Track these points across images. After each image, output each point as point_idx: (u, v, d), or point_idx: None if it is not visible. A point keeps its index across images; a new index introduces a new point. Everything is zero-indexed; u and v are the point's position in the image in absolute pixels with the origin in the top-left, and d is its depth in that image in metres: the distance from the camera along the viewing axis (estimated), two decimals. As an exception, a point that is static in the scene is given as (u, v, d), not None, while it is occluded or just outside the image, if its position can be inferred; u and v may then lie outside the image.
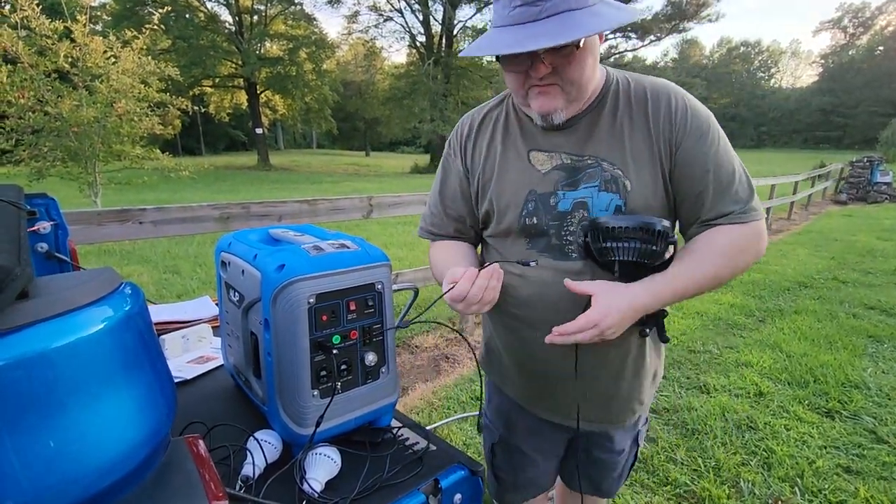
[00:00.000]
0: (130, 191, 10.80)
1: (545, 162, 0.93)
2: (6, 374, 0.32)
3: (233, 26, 25.11)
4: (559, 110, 0.86)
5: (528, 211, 0.93)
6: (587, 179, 0.89)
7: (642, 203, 0.87)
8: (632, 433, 1.12)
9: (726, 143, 0.88)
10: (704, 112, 0.88)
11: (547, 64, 0.80)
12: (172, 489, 0.40)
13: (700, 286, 0.85)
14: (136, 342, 0.42)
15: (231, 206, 2.29)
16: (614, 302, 0.82)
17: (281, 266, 0.78)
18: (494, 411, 1.18)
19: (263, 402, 0.88)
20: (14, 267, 0.34)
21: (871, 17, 61.91)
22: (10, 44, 6.37)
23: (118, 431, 0.38)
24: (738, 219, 0.85)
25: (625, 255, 0.83)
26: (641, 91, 0.89)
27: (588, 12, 0.75)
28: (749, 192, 0.86)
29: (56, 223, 1.21)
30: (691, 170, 0.86)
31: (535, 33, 0.74)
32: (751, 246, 0.86)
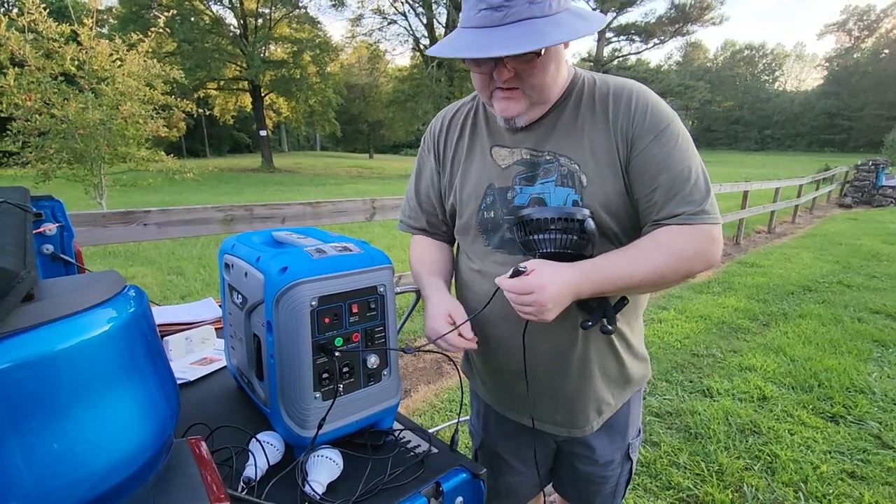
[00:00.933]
0: (135, 192, 10.88)
1: (506, 157, 0.95)
2: (12, 375, 0.33)
3: (237, 29, 25.27)
4: (521, 114, 0.88)
5: (486, 204, 0.96)
6: (544, 175, 0.90)
7: (601, 198, 0.87)
8: (619, 446, 1.08)
9: (685, 144, 0.86)
10: (666, 111, 0.87)
11: (510, 68, 0.82)
12: (175, 491, 0.40)
13: (638, 281, 0.83)
14: (140, 345, 0.42)
15: (235, 208, 2.30)
16: (553, 273, 0.81)
17: (284, 268, 0.78)
18: (475, 415, 1.21)
19: (266, 403, 0.88)
20: (19, 270, 0.34)
21: (876, 20, 61.71)
22: (17, 47, 6.43)
23: (122, 434, 0.39)
24: (687, 220, 0.83)
25: (547, 246, 0.84)
26: (605, 89, 0.90)
27: (551, 21, 0.75)
28: (703, 195, 0.84)
29: (62, 225, 1.22)
30: (645, 167, 0.85)
31: (495, 38, 0.75)
32: (699, 249, 0.83)
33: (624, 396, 1.05)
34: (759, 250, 7.05)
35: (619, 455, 1.09)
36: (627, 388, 1.05)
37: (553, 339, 0.95)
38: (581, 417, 1.02)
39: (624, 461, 1.10)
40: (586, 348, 0.96)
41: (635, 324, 1.03)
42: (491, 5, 0.75)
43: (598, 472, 1.09)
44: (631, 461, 1.12)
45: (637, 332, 1.04)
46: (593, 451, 1.07)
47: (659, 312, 4.14)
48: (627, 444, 1.09)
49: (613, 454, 1.08)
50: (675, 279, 0.85)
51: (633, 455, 1.11)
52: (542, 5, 0.75)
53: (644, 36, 29.08)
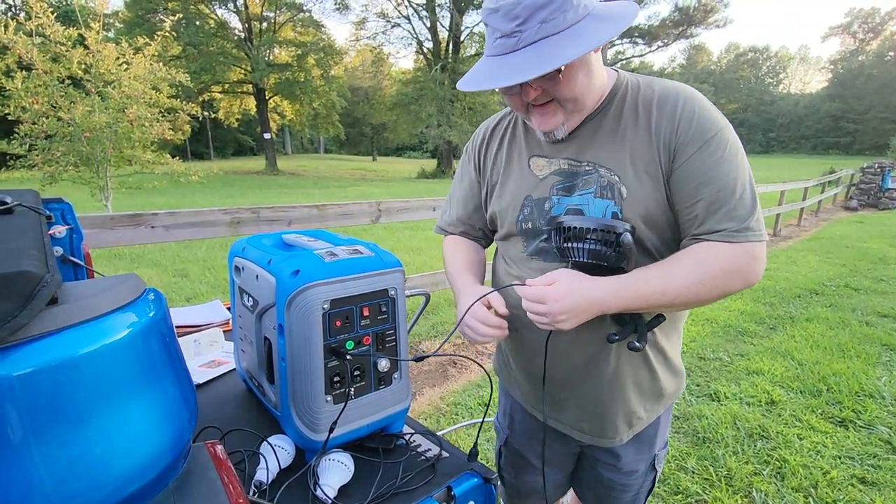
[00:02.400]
0: (140, 195, 10.93)
1: (544, 167, 0.94)
2: (39, 378, 0.33)
3: (242, 33, 25.40)
4: (560, 126, 0.86)
5: (524, 216, 0.95)
6: (583, 186, 0.88)
7: (642, 211, 0.83)
8: (645, 456, 1.06)
9: (734, 155, 0.80)
10: (714, 119, 0.81)
11: (535, 88, 0.81)
12: (195, 496, 0.40)
13: (671, 299, 0.79)
14: (160, 348, 0.42)
15: (241, 210, 2.31)
16: (576, 286, 0.79)
17: (296, 271, 0.78)
18: (502, 413, 1.22)
19: (276, 407, 0.88)
20: (44, 274, 0.34)
21: (880, 23, 61.46)
22: (25, 51, 6.48)
23: (142, 438, 0.39)
24: (730, 237, 0.78)
25: (581, 255, 0.82)
26: (650, 94, 0.85)
27: (568, 35, 0.73)
28: (749, 211, 0.79)
29: (71, 227, 1.22)
30: (687, 179, 0.80)
31: (509, 65, 0.75)
32: (740, 269, 0.78)
33: (657, 411, 1.03)
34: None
35: (644, 465, 1.07)
36: (660, 403, 1.02)
37: (585, 348, 0.93)
38: (610, 429, 1.00)
39: (648, 471, 1.09)
40: (619, 360, 0.94)
41: (674, 337, 1.00)
42: (504, 33, 0.75)
43: (621, 480, 1.08)
44: (655, 472, 1.10)
45: (675, 344, 1.01)
46: (619, 460, 1.05)
47: (664, 316, 4.12)
48: (654, 455, 1.07)
49: (638, 464, 1.06)
50: (710, 298, 0.81)
51: (658, 466, 1.09)
52: (556, 21, 0.73)
53: (648, 38, 29.04)
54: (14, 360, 0.31)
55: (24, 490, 0.35)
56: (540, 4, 0.72)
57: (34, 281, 0.33)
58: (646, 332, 0.87)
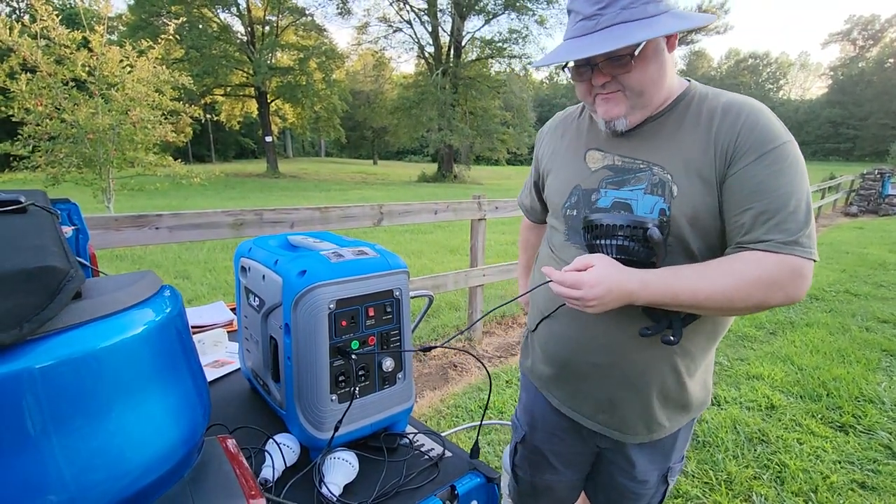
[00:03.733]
0: (142, 196, 10.95)
1: (598, 161, 0.96)
2: (62, 370, 0.34)
3: (245, 36, 25.52)
4: (622, 117, 0.87)
5: (571, 203, 0.99)
6: (635, 182, 0.90)
7: (689, 211, 0.83)
8: (659, 466, 1.06)
9: (792, 171, 0.78)
10: (777, 132, 0.80)
11: (605, 73, 0.84)
12: (211, 487, 0.41)
13: (703, 299, 0.78)
14: (177, 343, 0.44)
15: (245, 212, 2.32)
16: (609, 275, 0.81)
17: (303, 272, 0.79)
18: (522, 409, 1.23)
19: (281, 405, 0.89)
20: (69, 269, 0.35)
21: (880, 30, 61.68)
22: (29, 53, 6.52)
23: (159, 430, 0.40)
24: (775, 248, 0.76)
25: (611, 251, 0.84)
26: (716, 103, 0.86)
27: (643, 24, 0.77)
28: (800, 226, 0.77)
29: (77, 228, 1.23)
30: (740, 187, 0.80)
31: (584, 44, 0.79)
32: (779, 281, 0.76)
33: (679, 422, 1.02)
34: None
35: (657, 476, 1.08)
36: (685, 415, 1.02)
37: (614, 343, 0.94)
38: (627, 426, 1.01)
39: (660, 483, 1.09)
40: (650, 365, 0.94)
41: (710, 351, 0.98)
42: (586, 15, 0.79)
43: (633, 488, 1.09)
44: (667, 484, 1.10)
45: (708, 358, 1.00)
46: (633, 467, 1.06)
47: (665, 320, 4.13)
48: (668, 466, 1.07)
49: (651, 473, 1.07)
50: (744, 306, 0.79)
51: (670, 479, 1.09)
52: (636, 10, 0.77)
53: (648, 44, 29.08)
54: (39, 352, 0.32)
55: (44, 479, 0.36)
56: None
57: (60, 276, 0.34)
58: (681, 328, 0.87)
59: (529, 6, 25.18)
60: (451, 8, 25.26)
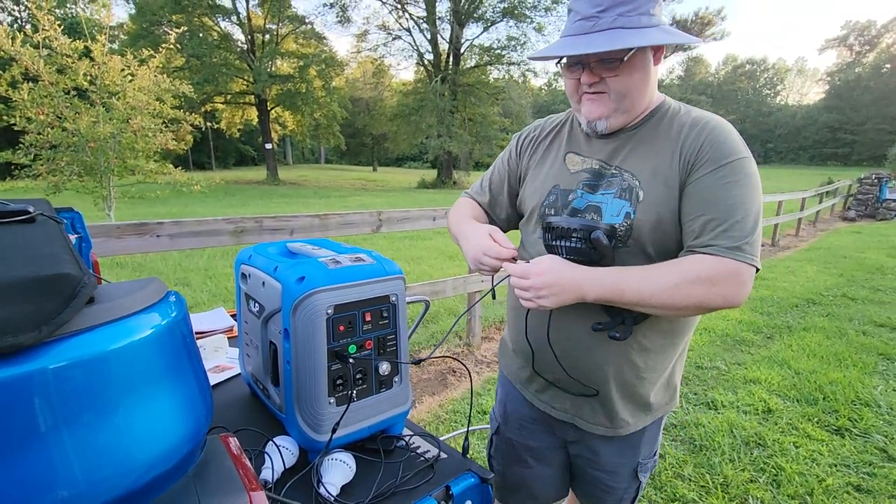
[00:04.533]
0: (143, 204, 11.00)
1: (578, 164, 1.02)
2: (74, 370, 0.36)
3: (245, 45, 25.70)
4: (604, 118, 0.93)
5: (549, 202, 1.03)
6: (607, 186, 0.96)
7: (653, 216, 0.89)
8: (627, 461, 1.09)
9: (745, 185, 0.84)
10: (736, 148, 0.86)
11: (595, 73, 0.89)
12: (213, 482, 0.44)
13: (648, 296, 0.83)
14: (181, 345, 0.46)
15: (245, 220, 2.35)
16: (556, 266, 0.87)
17: (301, 278, 0.82)
18: (498, 403, 1.27)
19: (281, 409, 0.91)
20: (83, 276, 0.38)
21: (877, 35, 62.13)
22: (31, 62, 6.58)
23: (165, 427, 0.42)
24: (718, 252, 0.82)
25: (563, 252, 0.90)
26: (686, 118, 0.93)
27: (636, 32, 0.83)
28: (746, 236, 0.82)
29: (80, 236, 1.26)
30: (696, 195, 0.86)
31: (581, 42, 0.84)
32: (718, 283, 0.81)
33: (643, 420, 1.05)
34: (762, 263, 7.04)
35: (627, 470, 1.10)
36: (648, 414, 1.05)
37: (575, 335, 0.99)
38: (587, 413, 1.05)
39: (632, 478, 1.11)
40: (605, 354, 0.98)
41: (669, 349, 1.01)
42: (584, 16, 0.85)
43: (604, 479, 1.12)
44: (640, 481, 1.12)
45: (668, 357, 1.02)
46: (598, 456, 1.10)
47: (663, 325, 4.14)
48: (637, 461, 1.10)
49: (619, 466, 1.09)
50: (686, 306, 0.83)
51: (641, 475, 1.12)
52: (632, 19, 0.83)
53: (645, 51, 29.29)
54: (56, 353, 0.35)
55: (55, 475, 0.38)
56: (621, 1, 0.82)
57: (75, 282, 0.37)
58: (630, 326, 0.93)
59: (527, 14, 25.40)
60: (450, 16, 25.47)
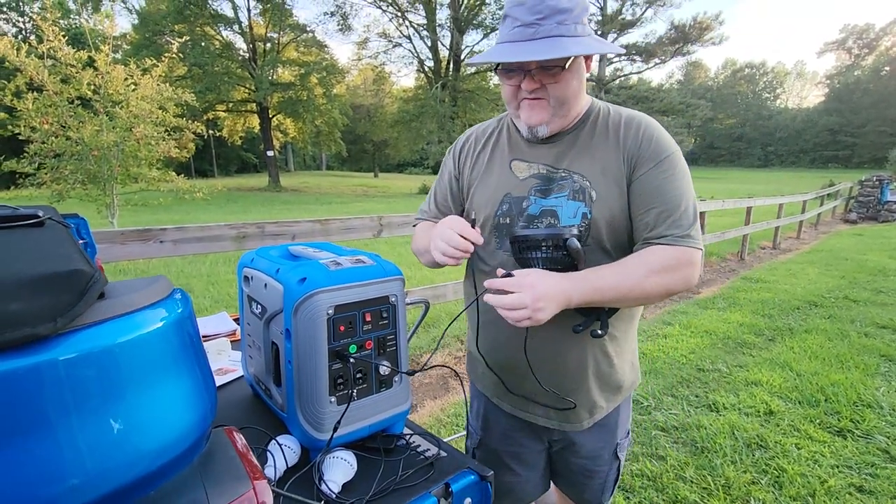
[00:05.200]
0: (146, 212, 11.07)
1: (524, 170, 1.04)
2: (85, 362, 0.38)
3: (247, 53, 25.95)
4: (544, 123, 0.97)
5: (503, 211, 1.05)
6: (558, 190, 0.99)
7: (608, 214, 0.95)
8: (607, 443, 1.14)
9: (682, 177, 0.95)
10: (668, 144, 0.96)
11: (536, 80, 0.93)
12: (218, 470, 0.45)
13: (625, 292, 0.90)
14: (186, 340, 0.48)
15: (247, 225, 2.37)
16: (544, 277, 0.88)
17: (303, 279, 0.84)
18: (475, 415, 1.27)
19: (283, 408, 0.93)
20: (94, 272, 0.40)
21: (875, 38, 62.33)
22: (36, 73, 6.67)
23: (171, 417, 0.44)
24: (673, 241, 0.92)
25: (536, 263, 0.91)
26: (618, 118, 1.00)
27: (575, 41, 0.87)
28: (690, 223, 0.93)
29: (86, 242, 1.28)
30: (643, 190, 0.94)
31: (526, 49, 0.87)
32: (678, 268, 0.91)
33: (616, 401, 1.12)
34: (763, 266, 7.05)
35: (607, 452, 1.15)
36: (619, 394, 1.12)
37: (551, 341, 1.02)
38: (573, 415, 1.09)
39: (612, 459, 1.16)
40: (583, 353, 1.03)
41: (630, 332, 1.10)
42: (524, 23, 0.87)
43: (587, 465, 1.15)
44: (619, 460, 1.18)
45: (631, 340, 1.11)
46: (583, 447, 1.14)
47: (664, 328, 4.15)
48: (616, 443, 1.16)
49: (601, 450, 1.14)
50: (656, 293, 0.92)
51: (620, 454, 1.17)
52: (569, 27, 0.87)
53: (645, 56, 29.49)
54: (70, 343, 0.37)
55: (68, 461, 0.40)
56: (559, 9, 0.86)
57: (87, 278, 0.38)
58: (607, 321, 0.97)
59: (527, 20, 25.52)
60: (450, 23, 25.67)
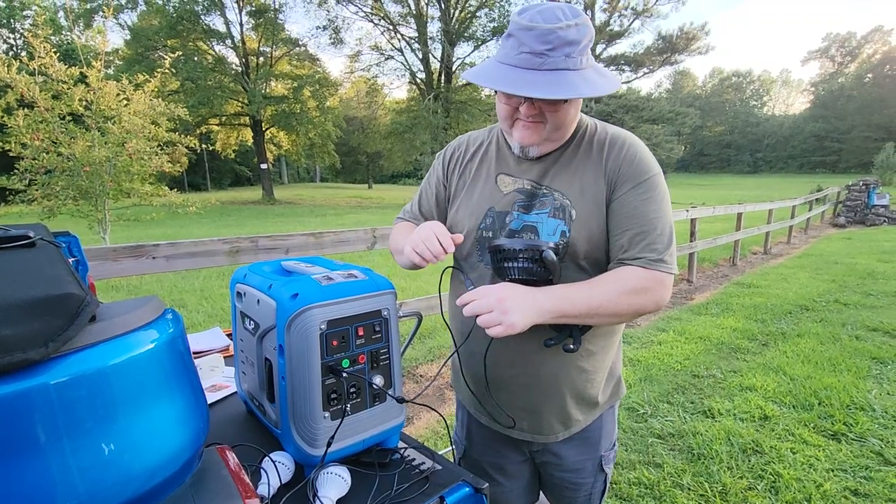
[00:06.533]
0: (138, 227, 11.01)
1: (509, 185, 1.05)
2: (77, 384, 0.39)
3: (239, 67, 26.02)
4: (536, 145, 0.98)
5: (486, 224, 1.05)
6: (540, 206, 1.00)
7: (586, 232, 0.96)
8: (590, 456, 1.13)
9: (660, 200, 0.96)
10: (650, 165, 0.97)
11: (537, 107, 0.93)
12: (211, 489, 0.45)
13: (595, 309, 0.90)
14: (178, 360, 0.48)
15: (240, 240, 2.37)
16: (511, 285, 0.90)
17: (295, 295, 0.84)
18: (460, 426, 1.28)
19: (276, 425, 0.92)
20: (85, 295, 0.40)
21: (857, 46, 63.67)
22: (26, 89, 6.65)
23: (163, 437, 0.44)
24: (647, 264, 0.92)
25: (516, 273, 0.92)
26: (604, 136, 1.00)
27: (579, 75, 0.87)
28: (665, 247, 0.93)
29: (77, 259, 1.28)
30: (621, 210, 0.95)
31: (533, 81, 0.86)
32: (650, 290, 0.92)
33: (593, 414, 1.12)
34: (755, 271, 7.11)
35: (591, 465, 1.14)
36: (596, 408, 1.11)
37: (524, 354, 1.03)
38: (545, 427, 1.09)
39: (597, 472, 1.15)
40: (557, 367, 1.04)
41: (609, 348, 1.09)
42: (533, 51, 0.85)
43: (569, 478, 1.14)
44: (605, 473, 1.16)
45: (610, 355, 1.10)
46: (561, 459, 1.13)
47: (658, 334, 4.17)
48: (600, 455, 1.14)
49: (583, 463, 1.13)
50: (626, 313, 0.93)
51: (606, 467, 1.16)
52: (575, 60, 0.87)
53: (633, 66, 29.99)
54: (61, 368, 0.37)
55: (61, 484, 0.40)
56: (568, 41, 0.85)
57: (78, 301, 0.39)
58: (580, 337, 0.97)
59: (517, 32, 25.89)
60: (441, 36, 25.97)
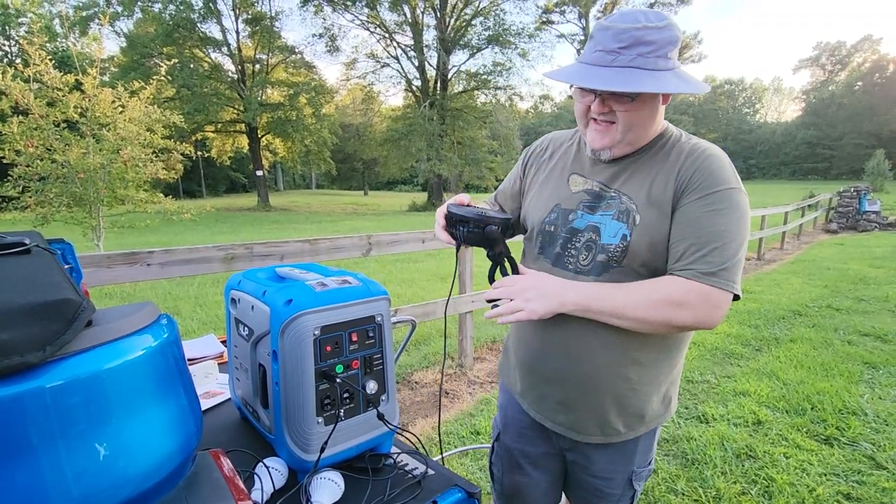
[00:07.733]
0: (133, 234, 10.96)
1: (579, 185, 1.06)
2: (80, 384, 0.39)
3: (235, 74, 26.09)
4: (608, 148, 0.97)
5: (550, 219, 1.07)
6: (606, 208, 0.99)
7: (647, 238, 0.93)
8: (621, 467, 1.10)
9: (730, 214, 0.88)
10: (727, 179, 0.90)
11: (606, 104, 0.93)
12: (203, 492, 0.46)
13: (620, 310, 0.88)
14: (172, 364, 0.49)
15: (235, 246, 2.38)
16: (537, 274, 0.96)
17: (289, 301, 0.85)
18: (499, 410, 1.29)
19: (270, 430, 0.93)
20: (82, 301, 0.41)
21: (847, 55, 64.58)
22: (21, 96, 6.64)
23: (157, 440, 0.45)
24: (694, 276, 0.85)
25: (460, 238, 1.03)
26: (686, 145, 0.97)
27: (651, 75, 0.85)
28: (723, 262, 0.85)
29: (71, 267, 1.28)
30: (682, 219, 0.90)
31: (599, 75, 0.87)
32: (691, 305, 0.85)
33: (637, 430, 1.07)
34: (749, 277, 7.16)
35: (621, 477, 1.11)
36: (642, 424, 1.06)
37: (569, 349, 1.03)
38: (580, 425, 1.07)
39: (626, 486, 1.12)
40: (597, 367, 1.01)
41: (663, 363, 1.03)
42: (606, 49, 0.87)
43: (598, 484, 1.13)
44: (634, 490, 1.13)
45: (665, 371, 1.04)
46: (592, 464, 1.11)
47: (653, 340, 4.18)
48: (632, 469, 1.10)
49: (613, 472, 1.10)
50: (656, 322, 0.87)
51: (636, 483, 1.12)
52: (648, 60, 0.85)
53: (627, 73, 30.21)
54: (58, 371, 0.38)
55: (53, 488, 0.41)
56: (644, 41, 0.85)
57: (75, 306, 0.40)
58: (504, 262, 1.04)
59: (512, 41, 26.20)
60: (437, 43, 26.16)
